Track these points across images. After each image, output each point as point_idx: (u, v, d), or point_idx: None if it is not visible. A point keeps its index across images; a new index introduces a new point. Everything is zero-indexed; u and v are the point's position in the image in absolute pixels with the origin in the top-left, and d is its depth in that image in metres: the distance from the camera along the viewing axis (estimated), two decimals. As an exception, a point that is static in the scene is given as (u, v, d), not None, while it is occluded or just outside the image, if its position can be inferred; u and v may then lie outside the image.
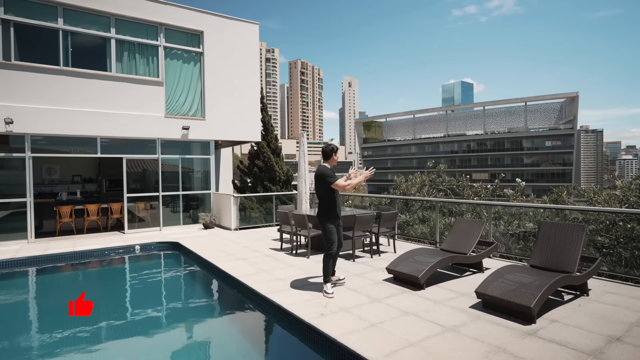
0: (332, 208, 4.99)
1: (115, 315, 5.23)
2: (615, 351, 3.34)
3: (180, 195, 11.23)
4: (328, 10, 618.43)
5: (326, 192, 4.98)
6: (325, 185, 4.94)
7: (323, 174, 4.93)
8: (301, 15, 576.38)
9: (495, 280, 4.51)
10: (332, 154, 5.15)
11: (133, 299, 6.11)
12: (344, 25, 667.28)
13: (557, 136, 73.53)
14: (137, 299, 6.04)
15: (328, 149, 5.18)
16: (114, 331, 4.64)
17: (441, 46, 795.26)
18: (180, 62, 11.06)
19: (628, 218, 6.19)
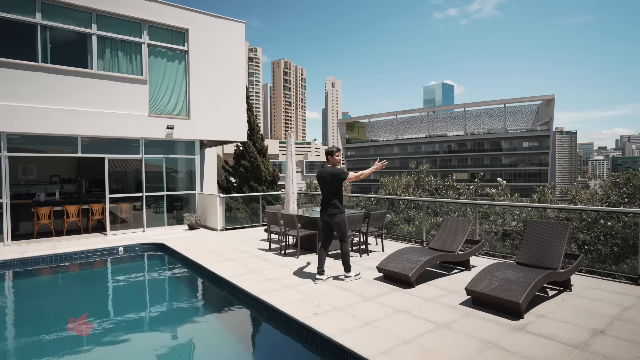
0: (342, 203, 5.57)
1: (102, 319, 5.09)
2: (599, 343, 3.48)
3: (164, 195, 11.03)
4: (311, 10, 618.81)
5: (337, 188, 5.53)
6: (338, 181, 5.49)
7: (335, 172, 5.48)
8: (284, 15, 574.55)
9: (484, 278, 4.62)
10: (329, 156, 5.71)
11: (120, 302, 5.96)
12: (327, 25, 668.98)
13: (534, 137, 75.80)
14: (124, 303, 5.89)
15: (329, 150, 5.70)
16: (100, 337, 4.51)
17: (423, 48, 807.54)
18: (164, 60, 10.85)
19: (608, 216, 6.46)
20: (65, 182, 12.58)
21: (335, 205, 5.45)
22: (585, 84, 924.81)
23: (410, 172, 13.18)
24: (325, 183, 5.57)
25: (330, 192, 5.52)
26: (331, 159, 5.67)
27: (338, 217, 5.45)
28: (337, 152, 5.68)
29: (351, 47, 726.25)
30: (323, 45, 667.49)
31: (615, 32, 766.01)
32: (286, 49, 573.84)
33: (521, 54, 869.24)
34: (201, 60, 11.33)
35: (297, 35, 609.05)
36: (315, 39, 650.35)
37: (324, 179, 5.57)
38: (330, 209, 5.47)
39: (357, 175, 5.66)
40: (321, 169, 5.66)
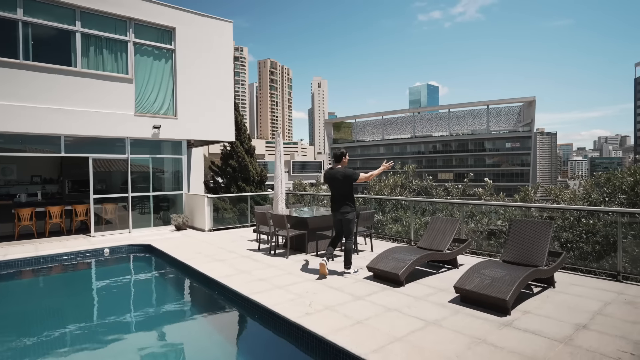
0: (354, 202, 5.90)
1: (88, 322, 5.01)
2: (583, 337, 3.60)
3: (150, 196, 10.87)
4: (298, 11, 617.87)
5: (349, 189, 5.86)
6: (350, 181, 5.81)
7: (347, 173, 5.81)
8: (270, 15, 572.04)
9: (472, 276, 4.72)
10: (342, 157, 6.00)
11: (107, 304, 5.85)
12: (313, 26, 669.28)
13: (516, 138, 77.50)
14: (112, 305, 5.78)
15: (339, 152, 6.02)
16: (87, 341, 4.44)
17: (407, 49, 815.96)
18: (150, 59, 10.70)
19: (590, 215, 6.69)
20: (47, 182, 12.28)
21: (348, 204, 5.81)
22: (565, 86, 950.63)
23: (397, 173, 13.34)
24: (336, 184, 5.86)
25: (342, 192, 5.85)
26: (342, 161, 6.00)
27: (350, 215, 5.81)
28: (346, 154, 6.08)
29: (337, 48, 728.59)
30: (309, 46, 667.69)
31: (592, 36, 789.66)
32: (272, 49, 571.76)
33: (503, 56, 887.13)
34: (188, 59, 11.22)
35: (283, 35, 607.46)
36: (302, 39, 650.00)
37: (335, 180, 5.86)
38: (344, 207, 5.80)
39: (367, 177, 5.99)
40: (331, 170, 5.97)
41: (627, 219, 5.86)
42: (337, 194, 5.90)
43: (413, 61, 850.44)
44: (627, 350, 3.35)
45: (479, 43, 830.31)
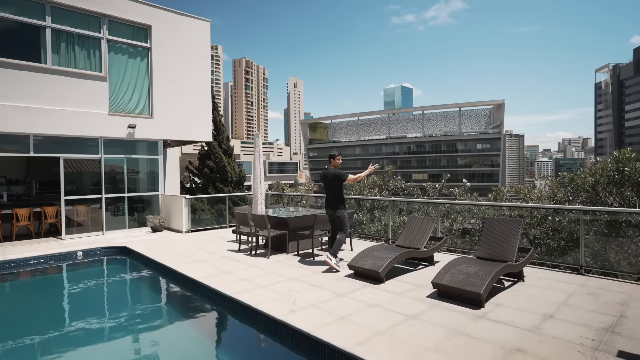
0: (344, 200, 6.36)
1: (67, 329, 4.89)
2: (549, 326, 3.88)
3: (125, 197, 10.61)
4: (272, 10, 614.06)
5: (339, 188, 6.31)
6: (340, 181, 6.27)
7: (336, 174, 6.30)
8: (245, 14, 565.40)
9: (448, 272, 4.95)
10: (332, 159, 6.46)
11: (86, 309, 5.68)
12: (289, 26, 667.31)
13: (487, 140, 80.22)
14: (90, 310, 5.62)
15: (330, 154, 6.50)
16: (65, 347, 4.34)
17: (382, 51, 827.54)
18: (125, 57, 10.45)
19: (556, 213, 7.12)
20: (13, 183, 11.75)
21: (339, 202, 6.30)
22: (531, 90, 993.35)
23: (377, 173, 13.61)
24: (328, 184, 6.36)
25: (333, 192, 6.33)
26: (333, 162, 6.44)
27: (339, 212, 6.29)
28: (338, 156, 6.50)
29: (312, 49, 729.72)
30: (285, 46, 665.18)
31: (556, 43, 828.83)
32: (247, 48, 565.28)
33: (474, 60, 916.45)
34: (165, 58, 11.03)
35: (258, 34, 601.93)
36: (277, 39, 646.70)
37: (327, 180, 6.37)
38: (335, 205, 6.30)
39: (355, 178, 6.37)
40: (324, 170, 6.47)
41: (589, 217, 6.28)
42: (328, 193, 6.38)
43: (387, 63, 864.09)
44: (589, 336, 3.63)
45: (450, 47, 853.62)
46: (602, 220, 6.29)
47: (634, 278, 5.58)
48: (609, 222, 6.28)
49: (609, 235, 6.24)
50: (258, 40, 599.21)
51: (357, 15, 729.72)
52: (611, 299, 4.65)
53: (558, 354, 3.30)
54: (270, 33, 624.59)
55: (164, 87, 11.01)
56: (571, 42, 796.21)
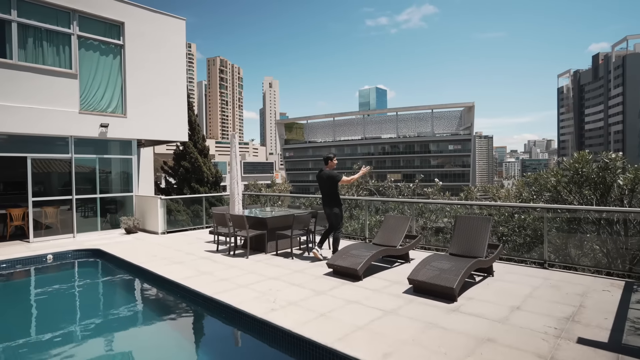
0: (338, 199, 6.68)
1: (39, 336, 4.75)
2: (517, 317, 4.14)
3: (97, 198, 10.31)
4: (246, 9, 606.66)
5: (333, 188, 6.65)
6: (333, 182, 6.62)
7: (331, 175, 6.65)
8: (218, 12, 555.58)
9: (423, 268, 5.16)
10: (328, 161, 6.86)
11: (58, 315, 5.48)
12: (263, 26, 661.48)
13: (458, 141, 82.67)
14: (64, 315, 5.45)
15: (326, 156, 6.89)
16: (41, 353, 4.23)
17: (356, 53, 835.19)
18: (97, 54, 10.16)
19: (521, 211, 7.53)
20: (-26, 184, 11.16)
21: (333, 201, 6.63)
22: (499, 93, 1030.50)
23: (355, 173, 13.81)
24: (323, 184, 6.70)
25: (327, 192, 6.68)
26: (330, 164, 6.82)
27: (335, 210, 6.63)
28: (334, 157, 6.89)
29: (287, 49, 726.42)
30: (259, 46, 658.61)
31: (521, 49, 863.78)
32: (221, 47, 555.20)
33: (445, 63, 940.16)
34: (139, 56, 10.80)
35: (232, 33, 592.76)
36: (252, 38, 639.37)
37: (322, 180, 6.72)
38: (330, 203, 6.65)
39: (349, 180, 6.82)
40: (320, 172, 6.80)
41: (551, 214, 6.69)
42: (323, 193, 6.75)
43: (362, 64, 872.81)
44: (552, 325, 3.92)
45: (423, 50, 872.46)
46: (563, 218, 6.73)
47: (591, 271, 6.00)
48: (569, 219, 6.73)
49: (569, 232, 6.69)
50: (232, 39, 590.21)
51: (331, 16, 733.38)
52: (572, 291, 5.00)
53: (524, 342, 3.55)
54: (244, 32, 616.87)
55: (138, 86, 10.78)
56: (535, 48, 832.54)
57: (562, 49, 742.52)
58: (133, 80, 10.67)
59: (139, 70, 10.78)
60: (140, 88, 10.81)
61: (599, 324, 3.93)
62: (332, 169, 6.82)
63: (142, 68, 10.87)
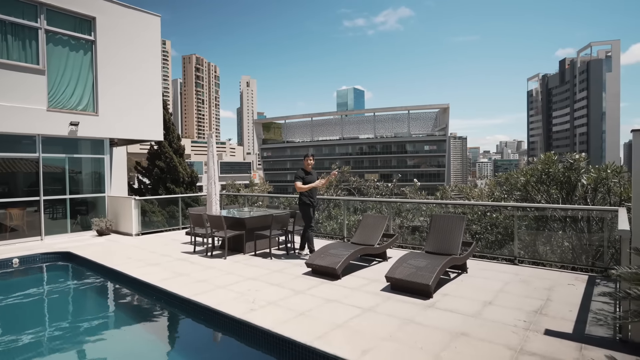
0: (303, 199, 6.83)
1: (5, 346, 4.54)
2: (489, 311, 4.31)
3: (67, 199, 9.94)
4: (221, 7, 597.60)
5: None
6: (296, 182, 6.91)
7: (295, 175, 6.94)
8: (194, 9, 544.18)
9: (400, 266, 5.27)
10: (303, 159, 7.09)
11: (26, 322, 5.26)
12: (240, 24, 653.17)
13: (433, 141, 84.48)
14: (33, 322, 5.22)
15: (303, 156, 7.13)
16: None
17: (334, 53, 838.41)
18: (66, 50, 9.79)
19: (493, 209, 7.81)
20: None
21: (300, 199, 6.92)
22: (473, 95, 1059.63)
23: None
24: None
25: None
26: (303, 163, 7.04)
27: (300, 208, 6.95)
28: (306, 157, 7.08)
29: (264, 48, 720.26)
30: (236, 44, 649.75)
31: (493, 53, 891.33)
32: (197, 45, 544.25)
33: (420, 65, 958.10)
34: (111, 52, 10.48)
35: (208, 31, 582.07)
36: (228, 37, 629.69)
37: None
38: (298, 201, 6.99)
39: (300, 188, 6.84)
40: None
41: (521, 213, 6.98)
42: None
43: (340, 65, 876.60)
44: (521, 318, 4.10)
45: (399, 51, 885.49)
46: (531, 216, 7.03)
47: (558, 266, 6.30)
48: (537, 217, 7.04)
49: (538, 229, 7.00)
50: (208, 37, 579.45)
51: (309, 16, 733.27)
52: (540, 285, 5.24)
53: (496, 335, 3.69)
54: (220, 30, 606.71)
55: (111, 83, 10.46)
56: (506, 52, 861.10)
57: (531, 54, 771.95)
58: (105, 78, 10.35)
59: (111, 67, 10.47)
60: (113, 85, 10.49)
61: (564, 316, 4.14)
62: (308, 169, 7.00)
63: (115, 65, 10.56)
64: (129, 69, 10.87)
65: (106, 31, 10.36)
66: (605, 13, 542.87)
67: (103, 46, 10.30)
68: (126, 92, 10.79)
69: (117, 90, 10.59)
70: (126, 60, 10.80)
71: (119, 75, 10.63)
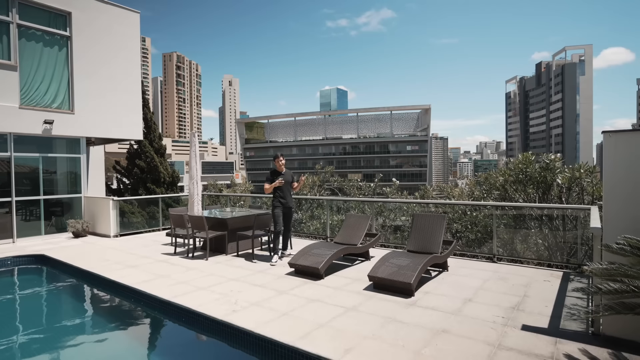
0: (273, 200, 6.87)
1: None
2: (469, 308, 4.39)
3: (41, 200, 9.61)
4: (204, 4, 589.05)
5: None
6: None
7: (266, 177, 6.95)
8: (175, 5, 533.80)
9: (382, 265, 5.32)
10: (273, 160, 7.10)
11: None
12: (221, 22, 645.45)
13: (415, 142, 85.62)
14: (3, 329, 5.05)
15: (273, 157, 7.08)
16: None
17: (317, 53, 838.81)
18: (40, 45, 9.46)
19: (473, 208, 7.98)
20: None
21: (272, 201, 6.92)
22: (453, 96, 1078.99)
23: (316, 173, 13.94)
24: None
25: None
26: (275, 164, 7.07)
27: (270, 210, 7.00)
28: (276, 158, 7.06)
29: (246, 48, 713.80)
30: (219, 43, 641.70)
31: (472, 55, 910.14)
32: (178, 43, 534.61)
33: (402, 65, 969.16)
34: (88, 48, 10.19)
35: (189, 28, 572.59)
36: (210, 35, 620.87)
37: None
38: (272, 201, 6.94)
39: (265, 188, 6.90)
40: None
41: (499, 211, 7.15)
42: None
43: (323, 65, 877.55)
44: (500, 314, 4.19)
45: (382, 52, 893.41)
46: (510, 214, 7.22)
47: (535, 263, 6.48)
48: (515, 215, 7.24)
49: (516, 227, 7.19)
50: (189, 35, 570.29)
51: (291, 16, 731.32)
52: (518, 282, 5.37)
53: (475, 332, 3.77)
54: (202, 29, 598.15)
55: (88, 80, 10.17)
56: (485, 55, 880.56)
57: (509, 57, 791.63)
58: (81, 75, 10.05)
59: (88, 64, 10.18)
60: (89, 83, 10.21)
61: (540, 312, 4.26)
62: (280, 169, 7.02)
63: (92, 62, 10.27)
64: (107, 66, 10.60)
65: (82, 27, 10.07)
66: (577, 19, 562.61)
67: (79, 42, 10.00)
68: (104, 89, 10.51)
69: (94, 87, 10.31)
70: (104, 57, 10.52)
71: (96, 72, 10.35)
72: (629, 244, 2.95)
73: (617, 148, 3.63)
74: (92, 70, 10.26)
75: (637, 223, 3.41)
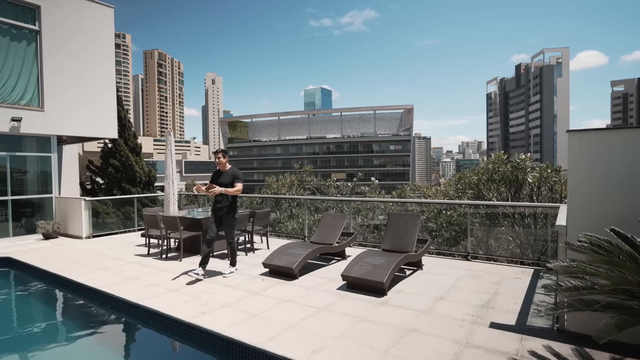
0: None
1: None
2: (440, 307, 4.42)
3: (8, 200, 9.25)
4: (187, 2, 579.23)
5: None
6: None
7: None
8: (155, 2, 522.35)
9: (356, 264, 5.31)
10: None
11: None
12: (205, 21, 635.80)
13: (399, 141, 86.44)
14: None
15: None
16: None
17: (301, 52, 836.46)
18: (7, 39, 9.11)
19: (449, 207, 8.07)
20: None
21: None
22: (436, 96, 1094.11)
23: (295, 172, 13.88)
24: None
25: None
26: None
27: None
28: (215, 154, 6.37)
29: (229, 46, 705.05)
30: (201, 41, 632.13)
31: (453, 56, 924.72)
32: (159, 40, 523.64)
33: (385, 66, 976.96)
34: (59, 44, 9.85)
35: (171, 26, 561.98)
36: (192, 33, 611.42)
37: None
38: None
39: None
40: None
41: (473, 210, 7.25)
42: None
43: (307, 64, 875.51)
44: (469, 312, 4.23)
45: (365, 52, 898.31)
46: (483, 213, 7.33)
47: (507, 261, 6.59)
48: (489, 214, 7.35)
49: (489, 226, 7.31)
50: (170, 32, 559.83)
51: (274, 14, 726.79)
52: (489, 280, 5.45)
53: (444, 330, 3.79)
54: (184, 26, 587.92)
55: (58, 76, 9.84)
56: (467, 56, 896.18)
57: (490, 58, 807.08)
58: (52, 71, 9.72)
59: (59, 59, 9.85)
60: (60, 79, 9.87)
61: (509, 309, 4.32)
62: (223, 168, 6.23)
63: (63, 57, 9.94)
64: (79, 62, 10.27)
65: (52, 21, 9.73)
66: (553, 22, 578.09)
67: (49, 37, 9.67)
68: (75, 86, 10.19)
69: (65, 84, 9.98)
70: (75, 53, 10.20)
71: (67, 69, 10.02)
72: (590, 241, 3.01)
73: (580, 147, 3.71)
74: (63, 65, 9.94)
75: (599, 220, 3.49)
